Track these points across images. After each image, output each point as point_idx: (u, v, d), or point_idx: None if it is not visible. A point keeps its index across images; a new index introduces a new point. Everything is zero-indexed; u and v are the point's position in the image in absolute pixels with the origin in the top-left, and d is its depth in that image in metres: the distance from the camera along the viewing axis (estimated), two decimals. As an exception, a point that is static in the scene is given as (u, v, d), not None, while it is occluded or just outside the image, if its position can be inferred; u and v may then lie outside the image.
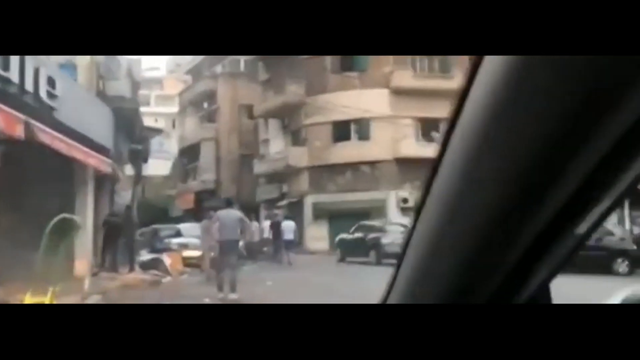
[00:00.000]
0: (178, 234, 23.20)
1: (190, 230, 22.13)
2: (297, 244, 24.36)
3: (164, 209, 42.29)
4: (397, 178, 30.47)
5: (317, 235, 30.73)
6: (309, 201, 31.59)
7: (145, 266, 16.30)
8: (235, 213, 11.48)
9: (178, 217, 38.50)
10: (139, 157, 19.23)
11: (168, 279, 14.81)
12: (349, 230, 24.07)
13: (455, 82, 31.09)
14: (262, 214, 33.75)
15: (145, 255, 17.58)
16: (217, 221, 11.36)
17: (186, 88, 46.14)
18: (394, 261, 1.07)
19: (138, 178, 20.03)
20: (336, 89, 31.00)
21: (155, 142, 21.22)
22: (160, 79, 65.02)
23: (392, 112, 30.82)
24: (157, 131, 22.68)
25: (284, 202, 32.67)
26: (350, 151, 30.90)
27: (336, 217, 28.40)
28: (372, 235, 22.05)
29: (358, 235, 23.02)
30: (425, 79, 30.31)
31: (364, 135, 31.30)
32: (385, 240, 20.74)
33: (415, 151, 30.16)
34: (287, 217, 24.75)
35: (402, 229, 21.91)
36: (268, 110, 35.08)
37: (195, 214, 34.43)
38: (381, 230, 22.50)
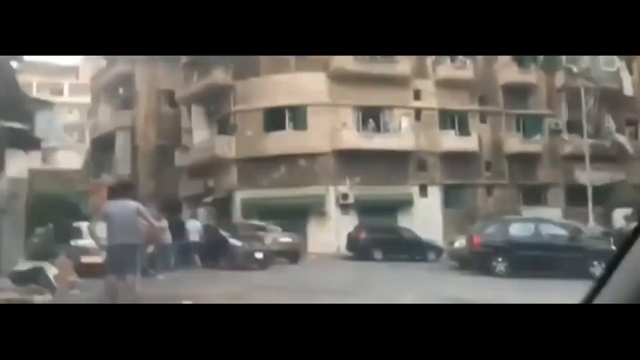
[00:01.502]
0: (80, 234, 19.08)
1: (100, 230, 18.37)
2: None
3: (74, 205, 37.62)
4: (336, 172, 27.63)
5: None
6: (238, 197, 28.14)
7: (21, 279, 12.30)
8: (129, 205, 8.06)
9: (89, 215, 34.01)
10: (24, 140, 15.12)
11: (47, 297, 10.97)
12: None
13: (400, 67, 28.68)
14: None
15: (22, 264, 13.55)
16: (105, 217, 7.92)
17: (100, 72, 41.44)
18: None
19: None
20: (268, 72, 27.72)
21: (42, 119, 16.70)
22: (75, 67, 59.48)
23: (331, 99, 27.93)
24: (45, 104, 18.27)
25: (209, 199, 29.06)
26: (284, 142, 27.75)
27: (269, 215, 25.08)
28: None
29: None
30: (368, 63, 27.51)
31: (299, 125, 28.22)
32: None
33: (357, 142, 27.62)
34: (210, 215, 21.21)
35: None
36: (191, 95, 31.38)
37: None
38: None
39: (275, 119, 28.11)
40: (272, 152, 27.58)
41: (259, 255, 18.38)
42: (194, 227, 19.52)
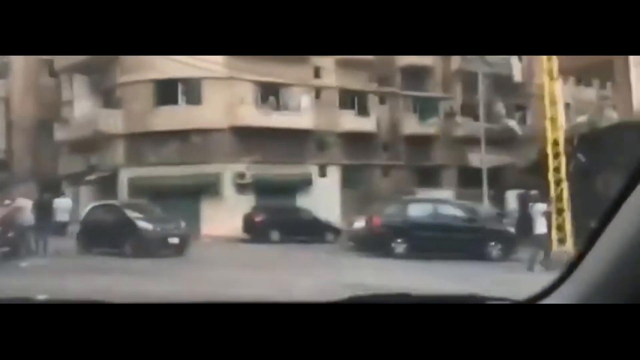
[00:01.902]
0: None
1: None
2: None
3: None
4: (233, 149, 26.32)
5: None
6: (124, 176, 26.06)
7: None
8: None
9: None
10: None
11: None
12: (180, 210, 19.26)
13: (299, 42, 27.66)
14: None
15: None
16: None
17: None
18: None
19: None
20: (160, 41, 25.68)
21: None
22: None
23: (229, 72, 26.41)
24: None
25: (92, 177, 26.74)
26: (176, 117, 25.98)
27: (159, 195, 23.33)
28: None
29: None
30: (266, 36, 26.23)
31: (193, 99, 26.53)
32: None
33: (255, 119, 26.43)
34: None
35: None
36: (73, 64, 28.56)
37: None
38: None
39: (166, 92, 26.24)
40: (162, 128, 25.72)
41: (173, 240, 16.24)
42: (63, 206, 17.43)
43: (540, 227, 13.18)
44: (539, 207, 13.32)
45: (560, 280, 1.13)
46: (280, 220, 22.75)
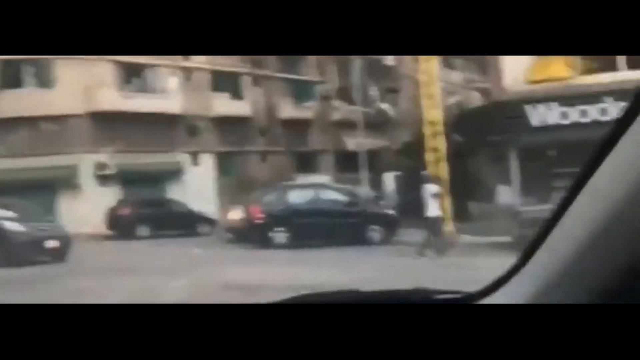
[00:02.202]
0: None
1: None
2: None
3: None
4: (91, 138, 23.80)
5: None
6: (-38, 170, 22.60)
7: None
8: None
9: None
10: None
11: None
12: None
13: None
14: None
15: None
16: None
17: None
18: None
19: None
20: None
21: None
22: None
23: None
24: None
25: None
26: (23, 101, 22.93)
27: (6, 191, 20.36)
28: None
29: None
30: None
31: (44, 81, 23.61)
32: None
33: (117, 104, 24.04)
34: None
35: None
36: None
37: None
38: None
39: (10, 73, 23.07)
40: (7, 114, 22.56)
41: (51, 243, 13.82)
42: None
43: (432, 209, 12.58)
44: (430, 189, 12.75)
45: (509, 275, 1.06)
46: (148, 214, 20.88)
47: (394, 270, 10.36)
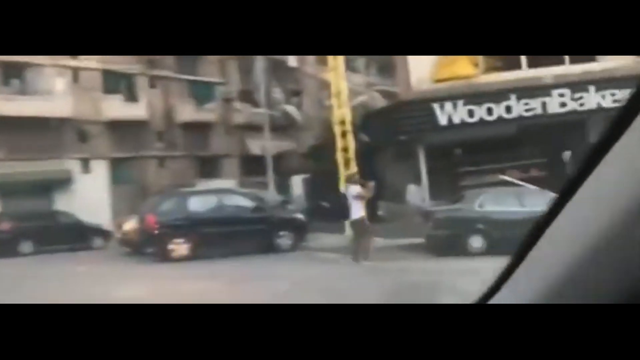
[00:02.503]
0: None
1: None
2: None
3: None
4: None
5: None
6: None
7: None
8: None
9: None
10: None
11: None
12: None
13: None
14: None
15: None
16: None
17: None
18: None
19: None
20: None
21: None
22: None
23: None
24: None
25: None
26: None
27: None
28: None
29: None
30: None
31: None
32: None
33: None
34: None
35: None
36: None
37: None
38: None
39: None
40: None
41: None
42: None
43: (356, 211, 11.51)
44: (353, 190, 11.70)
45: (504, 278, 1.07)
46: (32, 227, 18.81)
47: (307, 281, 9.54)
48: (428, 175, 15.71)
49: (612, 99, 14.94)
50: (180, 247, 13.63)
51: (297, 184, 22.66)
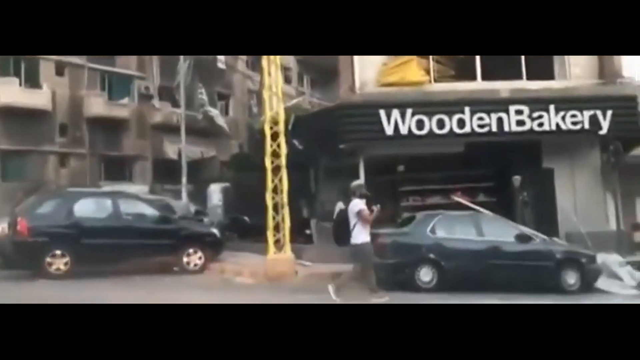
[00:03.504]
0: None
1: None
2: None
3: None
4: None
5: None
6: None
7: None
8: None
9: None
10: None
11: None
12: None
13: None
14: None
15: None
16: None
17: None
18: None
19: None
20: None
21: None
22: None
23: None
24: None
25: None
26: None
27: None
28: None
29: None
30: None
31: None
32: None
33: None
34: None
35: None
36: None
37: None
38: None
39: None
40: None
41: None
42: None
43: (359, 234, 8.76)
44: (356, 205, 8.80)
45: None
46: None
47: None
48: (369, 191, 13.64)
49: (571, 120, 13.59)
50: (58, 260, 10.83)
51: (217, 193, 20.09)
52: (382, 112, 12.99)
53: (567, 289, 10.34)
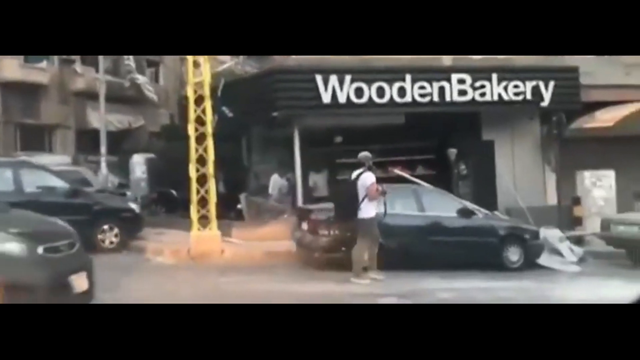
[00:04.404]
0: None
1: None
2: None
3: None
4: None
5: None
6: None
7: None
8: None
9: None
10: None
11: None
12: None
13: None
14: None
15: None
16: None
17: None
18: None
19: None
20: None
21: None
22: None
23: None
24: None
25: None
26: None
27: None
28: None
29: None
30: None
31: None
32: None
33: None
34: None
35: None
36: None
37: None
38: None
39: None
40: None
41: None
42: None
43: (367, 209, 8.59)
44: (367, 179, 8.53)
45: None
46: None
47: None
48: (302, 166, 12.83)
49: (514, 91, 13.15)
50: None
51: (140, 165, 18.73)
52: (318, 78, 12.09)
53: (510, 267, 9.91)
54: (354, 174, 8.88)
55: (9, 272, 4.91)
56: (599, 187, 13.19)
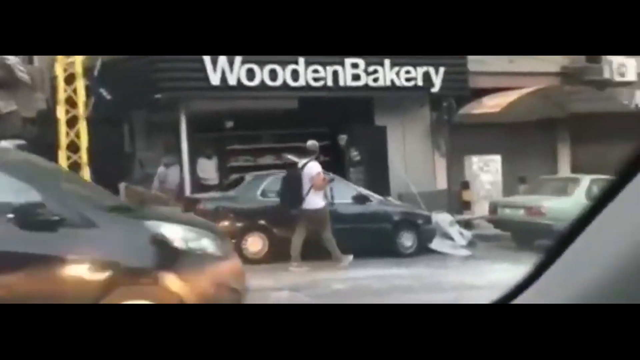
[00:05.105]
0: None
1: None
2: None
3: None
4: None
5: None
6: None
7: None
8: None
9: None
10: None
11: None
12: None
13: None
14: None
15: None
16: None
17: None
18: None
19: None
20: None
21: None
22: None
23: None
24: None
25: None
26: None
27: None
28: None
29: None
30: None
31: None
32: None
33: None
34: None
35: None
36: None
37: None
38: None
39: None
40: None
41: None
42: None
43: (314, 199, 8.53)
44: (313, 169, 8.46)
45: (534, 277, 1.01)
46: None
47: None
48: (190, 152, 12.07)
49: (405, 77, 13.14)
50: None
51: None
52: (206, 58, 11.35)
53: (403, 252, 9.84)
54: (300, 163, 8.58)
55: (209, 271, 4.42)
56: (486, 171, 13.54)
